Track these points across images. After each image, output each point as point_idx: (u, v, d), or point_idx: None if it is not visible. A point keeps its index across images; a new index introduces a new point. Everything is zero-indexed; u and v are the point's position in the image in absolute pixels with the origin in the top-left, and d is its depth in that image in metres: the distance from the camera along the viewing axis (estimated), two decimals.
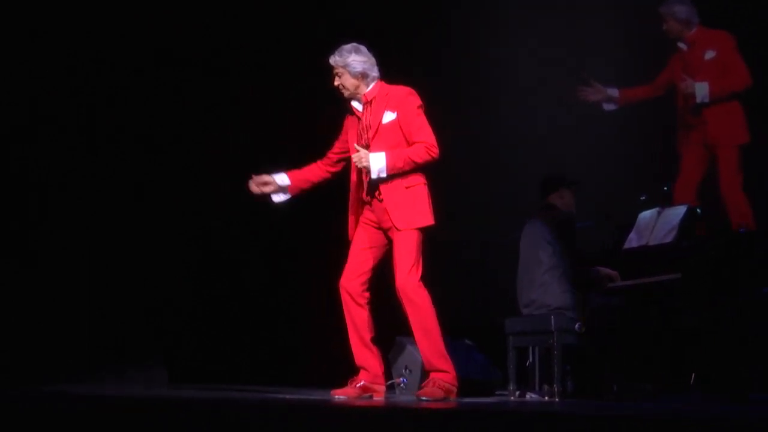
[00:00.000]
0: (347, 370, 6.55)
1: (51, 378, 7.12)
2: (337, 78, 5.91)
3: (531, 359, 6.70)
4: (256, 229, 8.62)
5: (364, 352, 5.93)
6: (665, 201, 6.52)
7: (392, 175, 5.78)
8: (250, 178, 6.13)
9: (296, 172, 6.16)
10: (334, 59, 5.89)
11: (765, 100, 7.01)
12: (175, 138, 8.48)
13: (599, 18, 7.70)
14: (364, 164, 5.75)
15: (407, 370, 6.57)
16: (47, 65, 8.01)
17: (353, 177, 5.98)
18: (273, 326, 8.55)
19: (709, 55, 6.97)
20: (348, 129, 6.02)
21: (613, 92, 7.27)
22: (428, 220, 5.86)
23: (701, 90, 6.88)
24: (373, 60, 5.90)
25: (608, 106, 7.26)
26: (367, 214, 5.97)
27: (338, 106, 6.11)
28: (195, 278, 8.53)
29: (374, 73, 5.90)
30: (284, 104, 8.70)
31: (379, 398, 5.89)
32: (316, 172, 6.15)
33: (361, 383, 5.91)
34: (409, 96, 5.85)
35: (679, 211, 6.33)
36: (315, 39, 8.46)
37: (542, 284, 6.29)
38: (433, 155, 5.78)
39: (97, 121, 8.26)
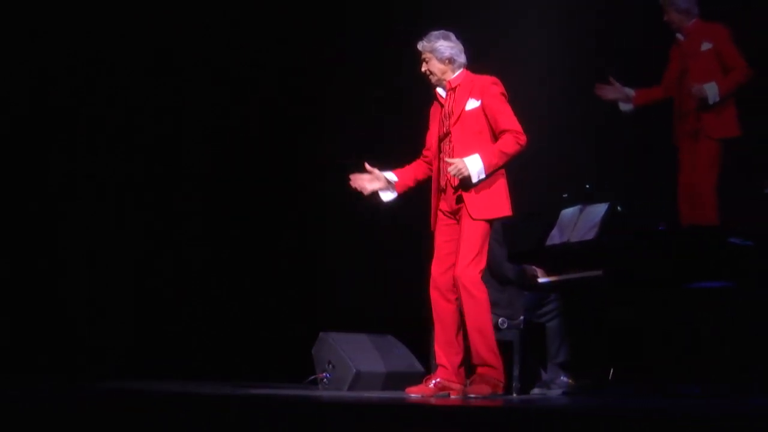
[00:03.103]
0: None
1: (50, 376, 7.15)
2: (424, 63, 5.93)
3: None
4: (252, 230, 8.64)
5: (446, 350, 5.86)
6: (587, 198, 6.53)
7: None
8: (356, 173, 6.06)
9: (401, 171, 6.11)
10: (422, 44, 5.92)
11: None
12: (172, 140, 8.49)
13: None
14: (464, 173, 5.70)
15: (330, 365, 6.61)
16: (47, 65, 8.01)
17: (434, 164, 5.97)
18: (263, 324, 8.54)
19: (705, 46, 6.89)
20: (432, 119, 6.03)
21: (630, 92, 7.11)
22: (503, 210, 5.85)
23: (711, 90, 6.79)
24: (460, 47, 5.92)
25: (625, 106, 7.08)
26: (442, 204, 5.93)
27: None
28: (193, 279, 8.52)
29: (461, 59, 5.91)
30: (276, 107, 8.73)
31: (455, 396, 5.83)
32: (421, 169, 6.13)
33: (437, 381, 5.85)
34: (493, 84, 5.84)
35: (601, 208, 6.36)
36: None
37: None
38: (522, 143, 5.76)
39: (96, 122, 8.25)
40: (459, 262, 5.76)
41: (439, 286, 5.87)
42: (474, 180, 5.72)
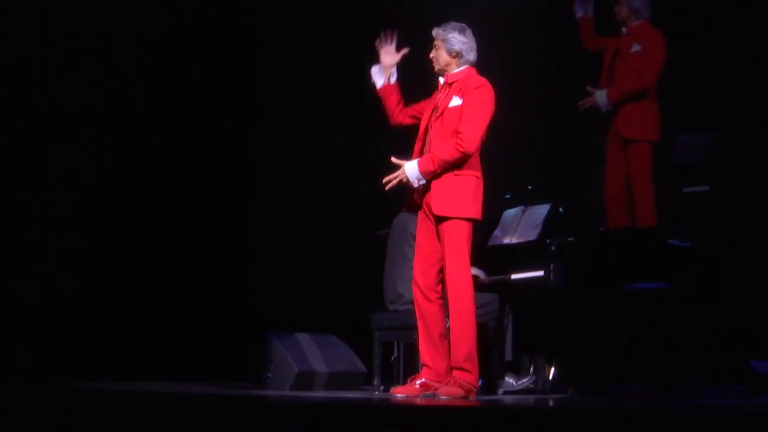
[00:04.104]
0: None
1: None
2: (434, 50, 5.91)
3: (396, 354, 6.76)
4: (190, 228, 8.62)
5: (430, 350, 5.83)
6: (528, 199, 6.61)
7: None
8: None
9: (397, 92, 6.16)
10: (437, 31, 5.90)
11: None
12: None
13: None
14: (403, 179, 5.77)
15: (272, 365, 6.61)
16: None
17: (415, 148, 5.94)
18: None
19: (635, 48, 6.98)
20: (429, 102, 6.01)
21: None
22: (469, 212, 5.75)
23: (601, 98, 6.95)
24: (473, 45, 5.88)
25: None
26: (418, 197, 5.90)
27: None
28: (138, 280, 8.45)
29: (469, 57, 5.88)
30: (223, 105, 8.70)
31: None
32: (396, 112, 6.15)
33: (422, 381, 5.82)
34: (478, 87, 5.79)
35: (543, 209, 6.44)
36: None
37: (408, 280, 6.19)
38: (462, 150, 5.67)
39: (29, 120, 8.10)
40: (449, 266, 5.72)
41: (419, 284, 5.85)
42: (415, 185, 5.76)
